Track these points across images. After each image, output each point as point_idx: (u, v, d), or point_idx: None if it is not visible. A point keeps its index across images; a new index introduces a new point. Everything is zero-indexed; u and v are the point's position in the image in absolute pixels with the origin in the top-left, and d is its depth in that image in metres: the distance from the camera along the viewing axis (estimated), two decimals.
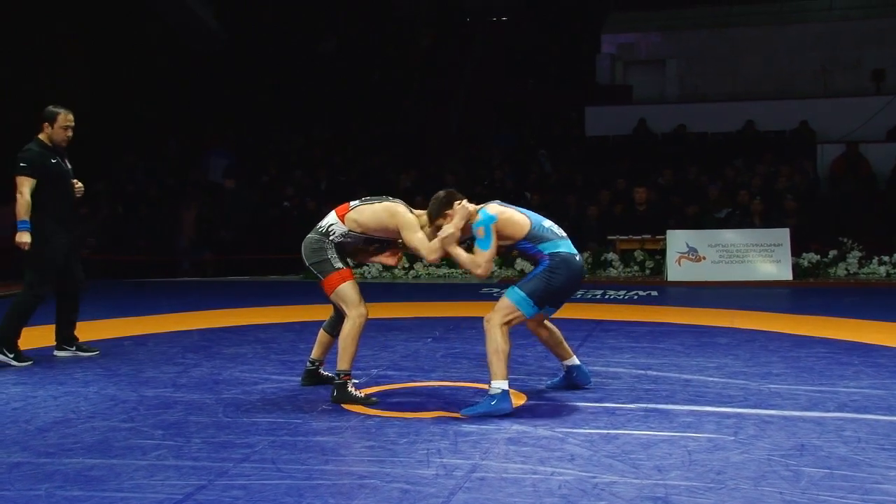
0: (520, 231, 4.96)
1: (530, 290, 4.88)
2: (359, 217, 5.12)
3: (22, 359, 6.49)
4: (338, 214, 5.17)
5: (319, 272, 5.13)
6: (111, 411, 4.93)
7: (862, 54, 18.75)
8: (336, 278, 5.09)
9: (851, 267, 12.17)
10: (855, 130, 16.19)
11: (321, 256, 5.12)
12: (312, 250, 5.15)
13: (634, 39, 20.56)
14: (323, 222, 5.21)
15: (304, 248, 5.20)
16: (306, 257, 5.18)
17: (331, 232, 5.15)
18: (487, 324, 4.84)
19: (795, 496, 3.43)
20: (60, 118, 6.61)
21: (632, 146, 17.18)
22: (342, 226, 5.14)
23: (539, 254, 4.96)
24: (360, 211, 5.13)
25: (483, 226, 4.91)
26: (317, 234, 5.18)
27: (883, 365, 6.02)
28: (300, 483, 3.64)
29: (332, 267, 5.10)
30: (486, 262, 4.90)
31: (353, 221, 5.12)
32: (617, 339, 7.12)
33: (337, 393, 5.04)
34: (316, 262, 5.14)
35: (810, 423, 4.52)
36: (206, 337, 7.62)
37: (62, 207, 6.60)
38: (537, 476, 3.71)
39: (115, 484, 3.66)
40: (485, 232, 4.89)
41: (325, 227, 5.17)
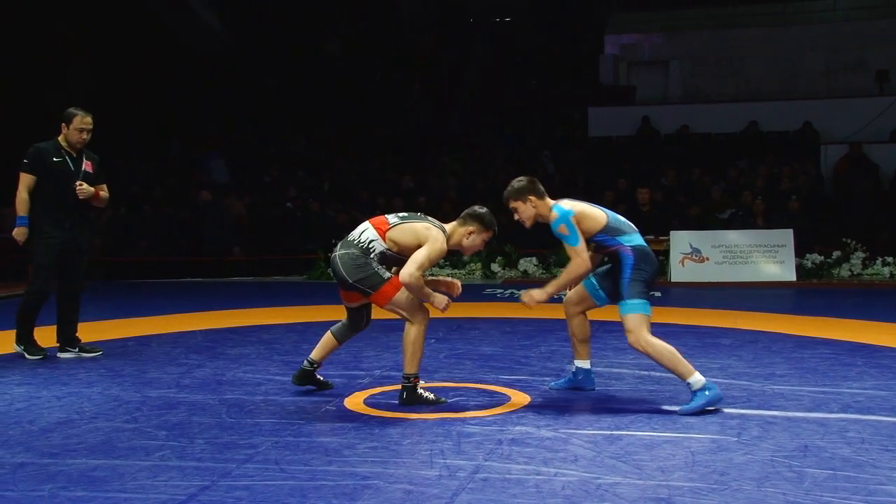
0: (597, 224, 4.98)
1: (638, 292, 4.89)
2: (397, 237, 4.94)
3: (33, 351, 6.64)
4: (378, 231, 4.97)
5: (369, 287, 4.89)
6: (115, 412, 4.94)
7: (865, 55, 18.73)
8: (390, 289, 4.87)
9: (855, 268, 12.15)
10: (859, 131, 16.17)
11: (367, 271, 4.89)
12: (356, 266, 4.90)
13: (637, 40, 20.56)
14: (361, 237, 4.97)
15: (343, 265, 4.92)
16: (348, 275, 4.90)
17: (371, 249, 4.92)
18: (638, 345, 4.83)
19: (799, 497, 3.43)
20: (76, 120, 6.64)
21: (635, 147, 17.17)
22: (382, 244, 4.94)
23: (619, 246, 4.96)
24: (400, 230, 4.95)
25: (564, 223, 4.89)
26: (356, 250, 4.93)
27: (887, 366, 6.02)
28: (303, 484, 3.65)
29: (382, 278, 4.88)
30: (583, 254, 4.88)
31: (392, 241, 4.94)
32: (620, 341, 7.08)
33: (407, 396, 4.96)
34: (363, 278, 4.88)
35: (814, 424, 4.51)
36: (209, 338, 7.63)
37: (61, 207, 6.61)
38: (541, 477, 3.71)
39: (119, 484, 3.67)
40: (568, 228, 4.88)
41: (366, 243, 4.94)
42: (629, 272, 4.90)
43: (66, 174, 6.64)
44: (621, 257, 4.94)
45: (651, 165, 15.60)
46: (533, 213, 5.04)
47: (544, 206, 5.03)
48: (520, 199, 5.03)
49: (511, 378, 5.74)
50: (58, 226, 6.60)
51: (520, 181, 5.08)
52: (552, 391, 5.39)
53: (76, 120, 6.64)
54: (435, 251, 4.86)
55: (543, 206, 5.03)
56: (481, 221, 5.05)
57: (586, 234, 4.96)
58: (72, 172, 6.66)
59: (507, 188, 5.10)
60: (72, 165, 6.68)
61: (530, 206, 5.02)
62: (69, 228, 6.66)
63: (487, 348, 6.90)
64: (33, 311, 6.70)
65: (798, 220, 12.68)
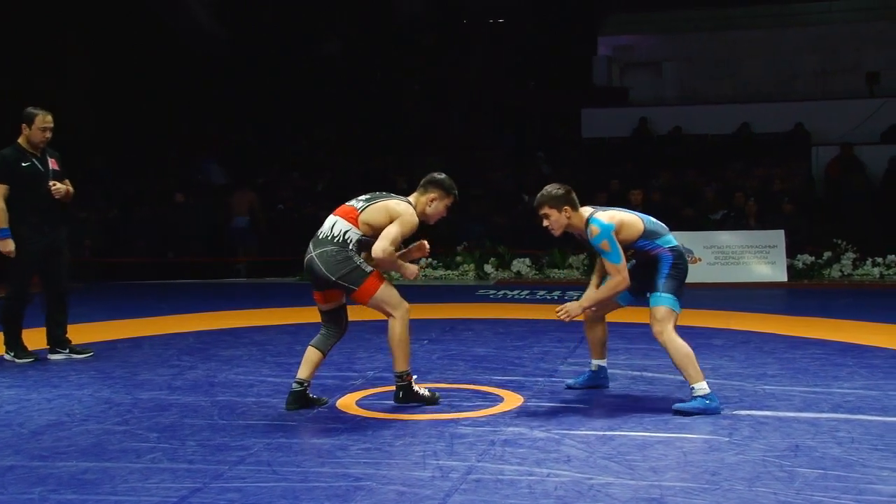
0: (636, 232, 4.98)
1: (672, 289, 4.93)
2: (369, 219, 4.85)
3: (23, 355, 6.62)
4: (348, 219, 4.86)
5: (352, 283, 4.77)
6: (105, 414, 4.93)
7: (860, 57, 18.79)
8: (372, 283, 4.77)
9: (846, 268, 12.19)
10: (849, 132, 16.22)
11: (350, 265, 4.77)
12: (337, 262, 4.76)
13: (631, 41, 20.60)
14: (333, 230, 4.85)
15: (324, 263, 4.78)
16: (331, 272, 4.76)
17: (348, 240, 4.81)
18: (661, 336, 4.87)
19: (790, 497, 3.44)
20: (38, 119, 6.57)
21: (629, 148, 17.20)
22: (357, 231, 4.83)
23: (658, 248, 4.99)
24: (371, 211, 4.87)
25: (606, 238, 4.85)
26: (333, 246, 4.80)
27: (877, 366, 6.04)
28: (296, 485, 3.64)
29: (365, 272, 4.78)
30: (624, 271, 4.87)
31: (365, 225, 4.84)
32: (613, 341, 7.08)
33: (403, 395, 4.91)
34: (346, 273, 4.76)
35: (805, 423, 4.53)
36: (201, 339, 7.61)
37: (37, 210, 6.57)
38: (533, 478, 3.71)
39: (110, 487, 3.66)
40: (610, 245, 4.85)
41: (340, 235, 4.82)
42: (668, 269, 4.96)
43: (37, 176, 6.59)
44: (661, 258, 4.98)
45: (645, 167, 15.62)
46: (565, 223, 4.99)
47: (578, 218, 4.98)
48: (555, 207, 4.95)
49: (504, 379, 5.75)
50: (37, 230, 6.57)
51: (557, 189, 4.98)
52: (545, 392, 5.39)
53: (38, 119, 6.57)
54: (406, 224, 4.81)
55: (577, 217, 4.98)
56: (441, 186, 5.01)
57: (626, 242, 4.95)
58: (41, 174, 6.61)
59: (542, 194, 5.00)
60: (40, 166, 6.63)
61: (564, 216, 4.96)
62: (49, 231, 6.64)
63: (480, 349, 6.90)
64: (17, 316, 6.65)
65: (790, 222, 12.71)
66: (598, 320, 5.35)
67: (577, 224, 4.99)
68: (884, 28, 18.66)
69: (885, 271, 12.10)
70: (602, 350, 5.43)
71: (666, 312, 4.89)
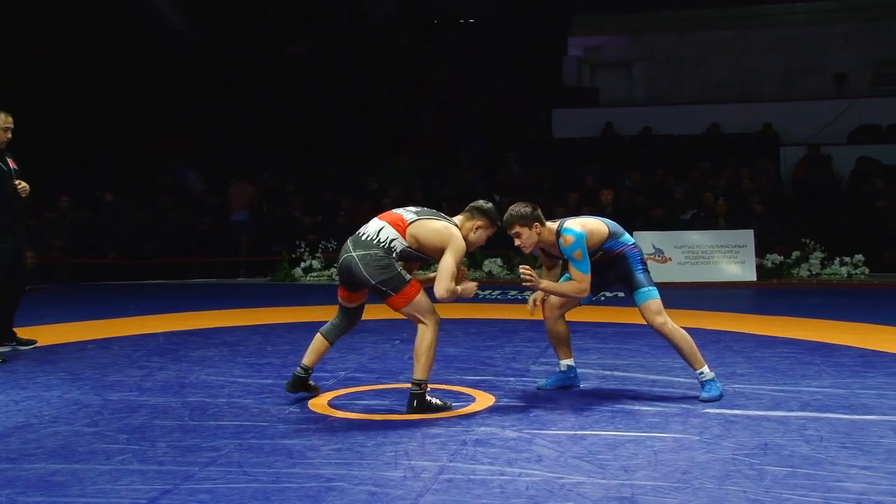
0: (602, 236, 5.14)
1: (648, 279, 5.14)
2: (418, 234, 4.85)
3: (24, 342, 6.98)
4: (396, 228, 4.85)
5: (391, 288, 4.78)
6: (74, 416, 4.88)
7: (824, 58, 19.02)
8: (412, 291, 4.80)
9: (814, 268, 12.32)
10: (817, 133, 16.41)
11: (392, 272, 4.78)
12: (380, 267, 4.77)
13: (601, 42, 20.70)
14: (380, 236, 4.84)
15: (365, 266, 4.78)
16: (371, 276, 4.77)
17: (393, 248, 4.81)
18: (665, 327, 5.08)
19: (759, 495, 3.47)
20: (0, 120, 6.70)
21: (599, 148, 17.28)
22: (403, 242, 4.83)
23: (622, 246, 5.17)
24: (421, 227, 4.86)
25: (580, 248, 4.97)
26: (378, 251, 4.80)
27: (844, 364, 6.11)
28: (267, 486, 3.63)
29: (405, 280, 4.80)
30: (588, 283, 5.02)
31: (412, 238, 4.84)
32: (584, 340, 7.15)
33: (417, 404, 4.83)
34: (387, 279, 4.77)
35: (774, 422, 4.57)
36: (171, 340, 7.55)
37: (7, 210, 6.67)
38: (505, 477, 3.72)
39: (79, 489, 3.62)
40: (582, 255, 4.98)
41: (386, 242, 4.82)
42: (639, 264, 5.16)
43: (4, 176, 6.67)
44: (628, 255, 5.17)
45: (615, 167, 15.70)
46: (536, 240, 5.08)
47: (547, 232, 5.09)
48: (526, 224, 5.02)
49: (475, 379, 5.75)
50: (8, 229, 6.64)
51: (525, 207, 5.06)
52: (516, 391, 5.40)
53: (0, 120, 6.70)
54: (459, 253, 4.85)
55: (546, 231, 5.09)
56: (489, 216, 5.04)
57: (595, 247, 5.10)
58: (6, 173, 6.69)
59: (511, 214, 5.05)
60: (4, 166, 6.71)
61: (535, 233, 5.04)
62: (18, 229, 6.71)
63: (452, 349, 6.90)
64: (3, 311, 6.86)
65: (760, 222, 12.83)
66: (558, 319, 5.39)
67: (546, 238, 5.10)
68: (847, 30, 18.91)
69: (852, 270, 12.24)
70: (567, 349, 5.46)
71: (658, 304, 5.10)
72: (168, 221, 15.23)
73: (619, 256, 5.16)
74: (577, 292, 5.04)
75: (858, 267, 12.26)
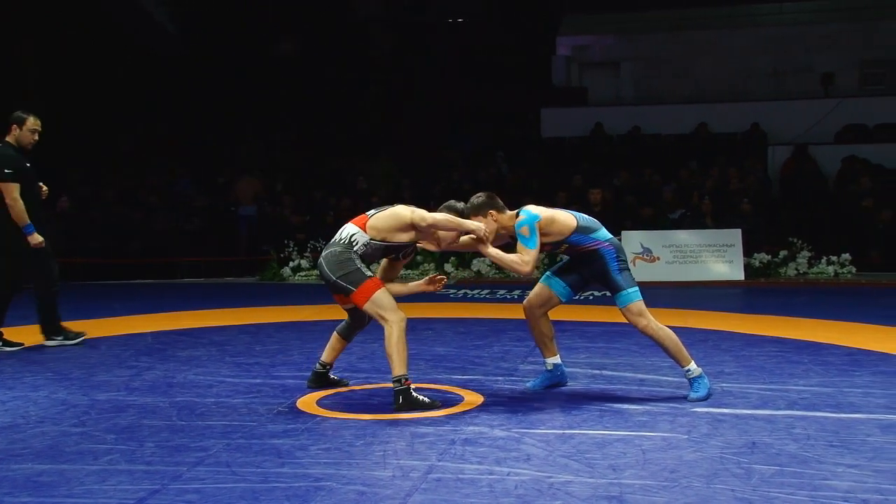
0: (568, 227, 5.10)
1: (628, 281, 5.10)
2: (377, 223, 4.99)
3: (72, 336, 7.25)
4: (358, 224, 5.03)
5: (350, 283, 4.89)
6: (62, 416, 4.86)
7: (812, 58, 19.11)
8: (371, 286, 4.89)
9: (801, 267, 12.37)
10: (805, 133, 16.48)
11: (350, 267, 4.91)
12: (339, 263, 4.93)
13: (589, 42, 20.74)
14: (342, 235, 5.03)
15: (327, 263, 4.96)
16: (332, 272, 4.93)
17: (354, 242, 4.97)
18: (649, 328, 5.08)
19: (747, 493, 3.48)
20: (28, 122, 7.06)
21: (587, 148, 17.31)
22: (364, 235, 4.98)
23: (595, 242, 5.12)
24: (378, 217, 5.02)
25: (527, 224, 4.98)
26: (339, 247, 4.98)
27: (831, 363, 6.14)
28: (255, 486, 3.62)
29: (364, 275, 4.90)
30: (532, 260, 4.99)
31: (373, 229, 4.98)
32: (572, 340, 7.17)
33: (402, 400, 4.84)
34: (345, 274, 4.90)
35: (761, 420, 4.59)
36: (159, 339, 7.53)
37: (35, 207, 7.04)
38: (493, 476, 3.72)
39: (66, 489, 3.61)
40: (529, 230, 4.98)
41: (347, 237, 5.00)
42: (615, 264, 5.11)
43: (33, 176, 7.10)
44: (602, 253, 5.11)
45: (603, 166, 15.73)
46: (494, 227, 5.10)
47: (506, 219, 5.11)
48: (480, 213, 5.08)
49: (464, 378, 5.76)
50: (39, 223, 7.05)
51: (478, 197, 5.14)
52: (504, 390, 5.40)
53: (29, 122, 7.06)
54: (428, 214, 4.97)
55: (504, 218, 5.11)
56: (460, 216, 5.10)
57: (558, 236, 5.07)
58: (35, 174, 7.12)
59: (466, 206, 5.14)
60: (32, 168, 7.11)
61: (491, 221, 5.08)
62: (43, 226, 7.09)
63: (441, 349, 6.90)
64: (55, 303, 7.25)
65: (748, 221, 12.87)
66: (541, 318, 5.39)
67: (506, 224, 5.12)
68: (833, 30, 19.01)
69: (839, 269, 12.29)
70: (552, 346, 5.46)
71: (640, 305, 5.09)
72: (156, 220, 15.18)
73: (592, 253, 5.12)
74: (521, 267, 4.97)
75: (845, 266, 12.32)
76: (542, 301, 5.33)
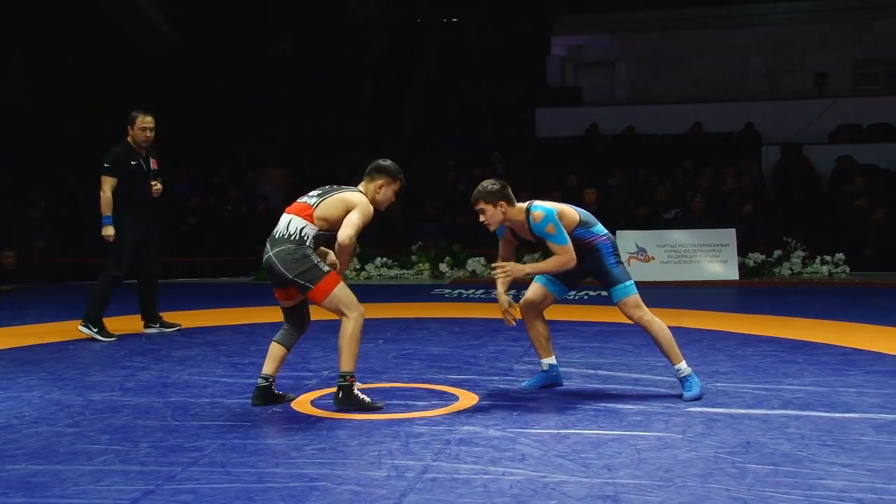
0: (574, 220, 5.14)
1: (626, 274, 5.17)
2: (325, 214, 4.84)
3: (105, 334, 7.37)
4: (302, 216, 4.84)
5: (308, 281, 4.75)
6: (56, 416, 4.85)
7: (805, 58, 19.16)
8: (329, 282, 4.76)
9: (795, 266, 12.38)
10: (798, 132, 16.51)
11: (307, 264, 4.76)
12: (294, 260, 4.75)
13: (585, 42, 20.77)
14: (289, 228, 4.83)
15: (281, 261, 4.77)
16: (288, 270, 4.75)
17: (305, 237, 4.79)
18: (644, 321, 5.14)
19: (741, 492, 3.49)
20: (138, 121, 7.49)
21: (583, 148, 17.32)
22: (313, 227, 4.82)
23: (594, 237, 5.17)
24: (326, 205, 4.86)
25: (552, 222, 4.99)
26: (290, 244, 4.78)
27: (825, 363, 6.15)
28: (250, 486, 3.62)
29: (322, 271, 4.76)
30: (572, 251, 5.01)
31: (321, 220, 4.84)
32: (567, 339, 7.17)
33: (343, 395, 4.80)
34: (303, 272, 4.74)
35: (756, 420, 4.60)
36: (154, 340, 7.52)
37: (137, 203, 7.46)
38: (488, 476, 3.72)
39: (60, 490, 3.60)
40: (555, 228, 4.99)
41: (297, 232, 4.80)
42: (612, 258, 5.16)
43: (142, 174, 7.52)
44: (600, 247, 5.15)
45: (599, 166, 15.74)
46: (500, 219, 5.10)
47: (514, 212, 5.11)
48: (491, 202, 5.05)
49: (459, 378, 5.76)
50: (138, 219, 7.49)
51: (493, 184, 5.11)
52: (499, 390, 5.41)
53: (138, 121, 7.49)
54: (365, 212, 4.84)
55: (513, 211, 5.11)
56: (388, 172, 5.05)
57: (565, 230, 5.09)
58: (145, 172, 7.53)
59: (478, 189, 5.10)
60: (144, 165, 7.54)
61: (499, 211, 5.07)
62: (144, 219, 7.55)
63: (436, 348, 6.90)
64: (107, 293, 7.50)
65: (744, 221, 12.89)
66: (536, 318, 5.39)
67: (514, 217, 5.11)
68: (827, 30, 19.07)
69: (833, 269, 12.31)
70: (548, 347, 5.46)
71: (637, 298, 5.14)
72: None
73: (591, 248, 5.15)
74: (565, 264, 5.01)
75: (839, 266, 12.33)
76: (539, 300, 5.34)
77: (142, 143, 7.48)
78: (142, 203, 7.50)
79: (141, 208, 7.50)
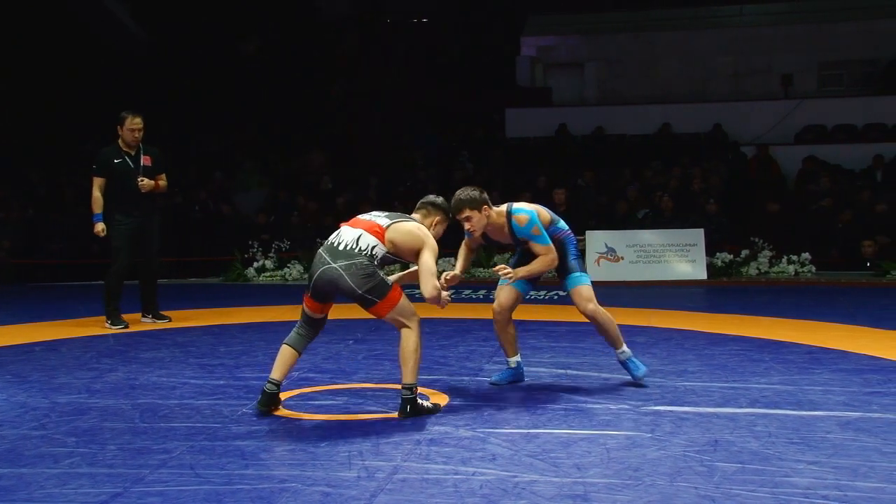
0: (547, 220, 5.40)
1: (582, 266, 5.48)
2: (395, 239, 4.80)
3: (117, 322, 7.98)
4: (375, 235, 4.79)
5: (377, 296, 4.71)
6: (21, 419, 4.79)
7: (772, 59, 19.36)
8: (396, 295, 4.75)
9: (762, 266, 12.51)
10: (766, 133, 16.68)
11: (377, 280, 4.72)
12: (365, 276, 4.68)
13: (554, 42, 20.84)
14: (359, 243, 4.76)
15: (351, 276, 4.67)
16: (358, 286, 4.67)
17: (375, 255, 4.75)
18: (596, 312, 5.38)
19: (710, 490, 3.52)
20: (127, 122, 7.88)
21: (552, 148, 17.38)
22: (383, 247, 4.79)
23: (562, 231, 5.45)
24: (397, 231, 4.81)
25: (536, 224, 5.21)
26: (363, 259, 4.71)
27: (792, 361, 6.21)
28: (219, 488, 3.60)
29: (388, 286, 4.75)
30: (555, 251, 5.27)
31: (391, 243, 4.80)
32: (537, 339, 7.20)
33: (410, 409, 4.73)
34: (372, 287, 4.69)
35: (724, 418, 4.63)
36: (121, 341, 7.45)
37: (127, 200, 7.84)
38: (459, 476, 3.73)
39: (26, 493, 3.56)
40: (539, 229, 5.22)
41: (368, 250, 4.74)
42: (574, 250, 5.44)
43: (128, 172, 7.87)
44: (565, 241, 5.44)
45: (568, 166, 15.80)
46: (485, 223, 5.23)
47: (495, 215, 5.27)
48: (476, 208, 5.17)
49: (429, 378, 5.75)
50: (128, 215, 7.88)
51: (473, 190, 5.23)
52: (470, 390, 5.41)
53: (126, 122, 7.86)
54: (435, 252, 4.88)
55: (494, 214, 5.26)
56: (444, 211, 5.15)
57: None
58: (132, 170, 7.88)
59: (460, 198, 5.17)
60: (131, 163, 7.91)
61: (484, 216, 5.19)
62: (139, 216, 7.92)
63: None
64: (113, 288, 8.01)
65: (712, 221, 12.99)
66: (507, 321, 5.54)
67: (495, 221, 5.27)
68: (793, 32, 19.28)
69: (799, 269, 12.45)
70: (516, 346, 5.64)
71: (590, 290, 5.40)
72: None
73: (559, 242, 5.38)
74: (550, 263, 5.26)
75: (805, 265, 12.48)
76: (511, 302, 5.48)
77: (131, 143, 7.89)
78: (130, 200, 7.85)
79: (130, 205, 7.86)
